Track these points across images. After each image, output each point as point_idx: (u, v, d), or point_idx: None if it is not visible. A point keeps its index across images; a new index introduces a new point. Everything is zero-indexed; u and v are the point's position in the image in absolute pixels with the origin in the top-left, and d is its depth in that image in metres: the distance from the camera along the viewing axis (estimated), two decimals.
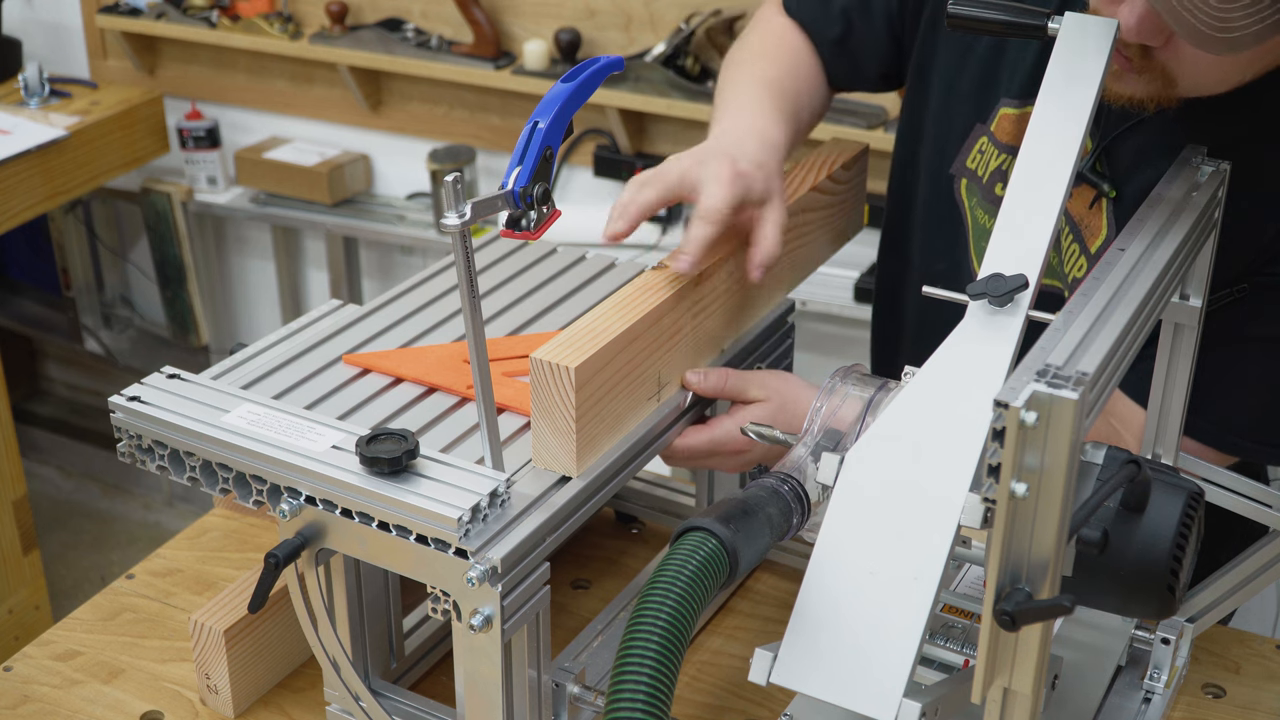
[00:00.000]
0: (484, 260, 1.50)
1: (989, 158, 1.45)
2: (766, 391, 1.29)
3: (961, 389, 0.98)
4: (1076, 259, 1.39)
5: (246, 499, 1.14)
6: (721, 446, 1.28)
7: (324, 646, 1.18)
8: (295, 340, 1.34)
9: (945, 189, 1.50)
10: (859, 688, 0.93)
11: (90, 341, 3.55)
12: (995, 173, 1.43)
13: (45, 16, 3.41)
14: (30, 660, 1.35)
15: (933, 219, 1.53)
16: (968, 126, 1.46)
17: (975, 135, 1.46)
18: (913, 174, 1.54)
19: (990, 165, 1.44)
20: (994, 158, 1.44)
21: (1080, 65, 1.10)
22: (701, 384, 1.27)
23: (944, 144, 1.49)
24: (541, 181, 1.07)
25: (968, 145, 1.47)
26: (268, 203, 3.17)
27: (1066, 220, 1.39)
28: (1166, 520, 0.97)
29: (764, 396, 1.28)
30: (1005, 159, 1.42)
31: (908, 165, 1.55)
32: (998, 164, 1.43)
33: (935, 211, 1.52)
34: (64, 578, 3.28)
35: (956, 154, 1.48)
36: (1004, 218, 1.07)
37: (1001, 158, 1.43)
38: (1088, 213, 1.37)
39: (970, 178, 1.47)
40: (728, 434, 1.28)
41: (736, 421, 1.27)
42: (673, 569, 0.93)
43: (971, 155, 1.47)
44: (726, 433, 1.28)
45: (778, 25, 1.55)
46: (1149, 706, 1.25)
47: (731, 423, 1.28)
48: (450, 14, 2.93)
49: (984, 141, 1.45)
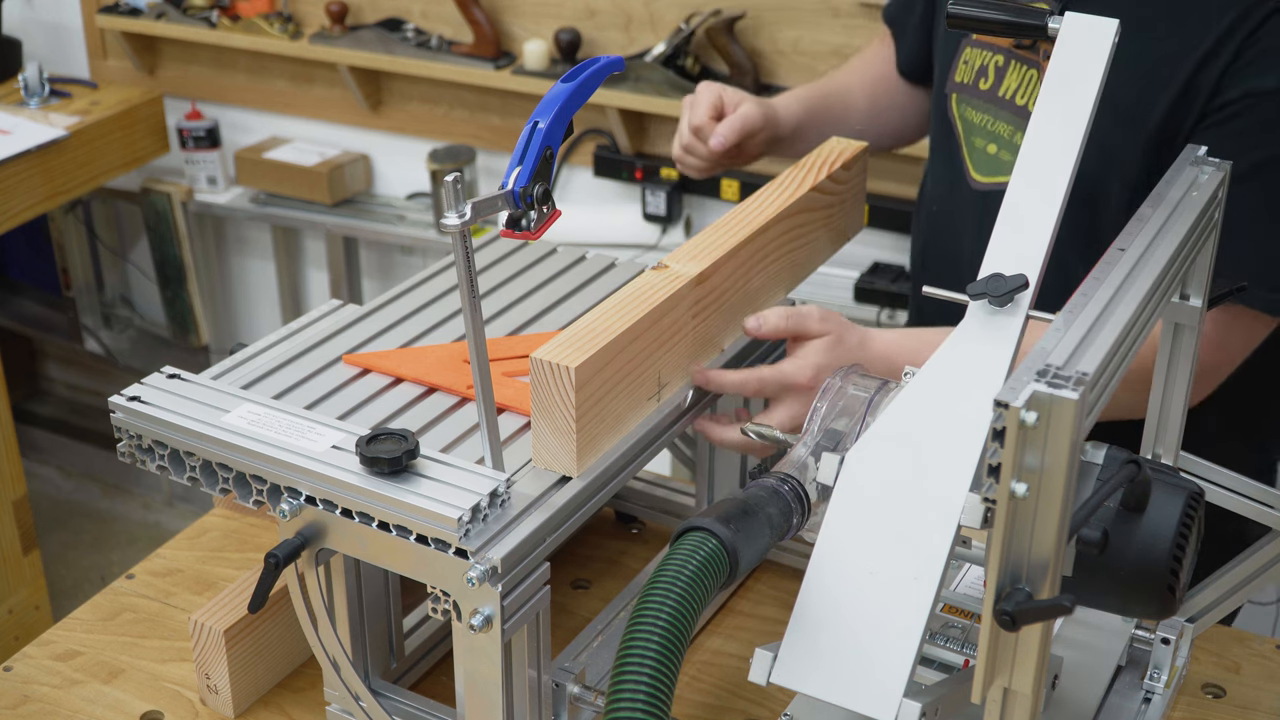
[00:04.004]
0: (484, 260, 1.50)
1: (973, 64, 1.56)
2: (826, 325, 1.30)
3: (961, 389, 0.98)
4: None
5: (246, 499, 1.14)
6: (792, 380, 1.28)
7: (324, 646, 1.18)
8: (295, 340, 1.34)
9: (942, 112, 1.62)
10: (859, 688, 0.93)
11: (90, 341, 3.55)
12: (979, 70, 1.55)
13: (45, 16, 3.41)
14: (30, 660, 1.35)
15: (936, 143, 1.65)
16: (955, 46, 1.59)
17: (960, 50, 1.58)
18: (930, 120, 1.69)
19: (975, 66, 1.56)
20: (978, 60, 1.55)
21: (1080, 65, 1.10)
22: (762, 327, 1.28)
23: (942, 73, 1.62)
24: (541, 181, 1.07)
25: (955, 63, 1.59)
26: (268, 203, 3.17)
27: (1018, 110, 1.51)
28: (1166, 520, 0.97)
29: (824, 330, 1.30)
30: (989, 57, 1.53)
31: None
32: (982, 62, 1.55)
33: (937, 137, 1.64)
34: (64, 578, 3.28)
35: (948, 76, 1.60)
36: (1004, 218, 1.07)
37: (985, 56, 1.53)
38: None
39: (959, 90, 1.58)
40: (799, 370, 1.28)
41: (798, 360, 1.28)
42: (673, 569, 0.93)
43: (959, 70, 1.59)
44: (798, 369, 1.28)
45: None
46: (1149, 706, 1.25)
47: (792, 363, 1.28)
48: (450, 14, 2.93)
49: (968, 52, 1.56)
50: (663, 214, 2.80)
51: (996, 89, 1.54)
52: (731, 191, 2.72)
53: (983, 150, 1.57)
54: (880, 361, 1.33)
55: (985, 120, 1.56)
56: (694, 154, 1.59)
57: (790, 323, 1.30)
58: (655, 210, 2.80)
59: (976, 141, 1.58)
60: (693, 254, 1.27)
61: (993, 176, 1.56)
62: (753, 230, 1.31)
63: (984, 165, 1.57)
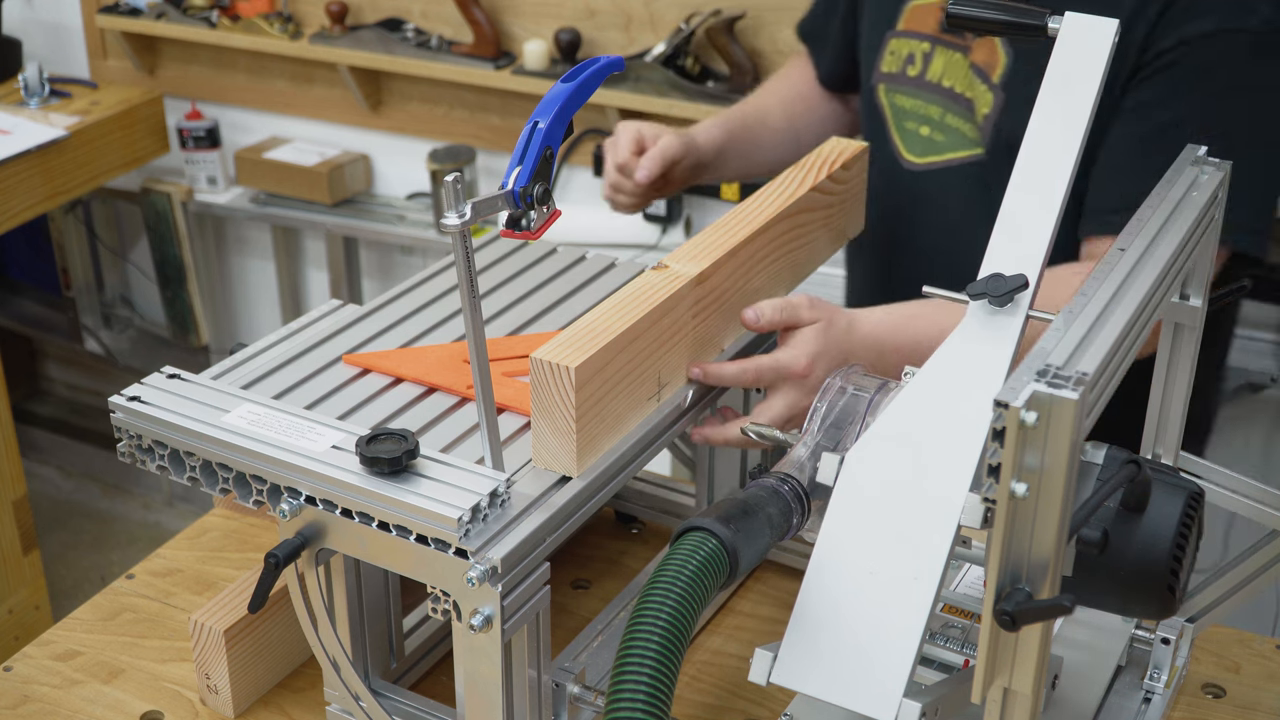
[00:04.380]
0: (484, 260, 1.50)
1: (900, 54, 1.66)
2: (816, 312, 1.32)
3: (961, 389, 0.98)
4: (984, 95, 1.57)
5: (246, 499, 1.14)
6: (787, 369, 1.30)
7: (324, 646, 1.18)
8: (295, 340, 1.34)
9: (870, 102, 1.72)
10: (859, 688, 0.93)
11: (90, 341, 3.55)
12: (906, 59, 1.65)
13: (45, 16, 3.41)
14: (30, 660, 1.35)
15: (867, 134, 1.74)
16: (880, 40, 1.68)
17: (885, 43, 1.68)
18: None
19: (902, 56, 1.65)
20: (905, 49, 1.65)
21: (1080, 65, 1.10)
22: (759, 319, 1.31)
23: (868, 67, 1.72)
24: (541, 181, 1.07)
25: (881, 55, 1.69)
26: (268, 203, 3.17)
27: (972, 69, 1.59)
28: (1166, 520, 0.97)
29: (814, 317, 1.32)
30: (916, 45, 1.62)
31: None
32: (909, 51, 1.65)
33: (868, 127, 1.74)
34: (64, 578, 3.28)
35: (875, 68, 1.70)
36: (1004, 218, 1.07)
37: (912, 45, 1.63)
38: (985, 48, 1.57)
39: (886, 79, 1.68)
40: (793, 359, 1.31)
41: (791, 349, 1.30)
42: (673, 569, 0.93)
43: (885, 61, 1.68)
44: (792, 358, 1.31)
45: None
46: (1149, 706, 1.25)
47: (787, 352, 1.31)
48: (450, 14, 2.93)
49: (894, 43, 1.66)
50: (663, 214, 2.80)
51: (925, 74, 1.65)
52: (731, 191, 2.72)
53: (914, 133, 1.67)
54: (868, 341, 1.36)
55: (915, 105, 1.66)
56: (622, 190, 1.66)
57: (784, 314, 1.32)
58: (655, 210, 2.80)
59: (908, 125, 1.67)
60: (693, 254, 1.27)
61: (925, 157, 1.66)
62: (753, 230, 1.32)
63: (916, 146, 1.67)
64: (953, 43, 1.62)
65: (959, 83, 1.60)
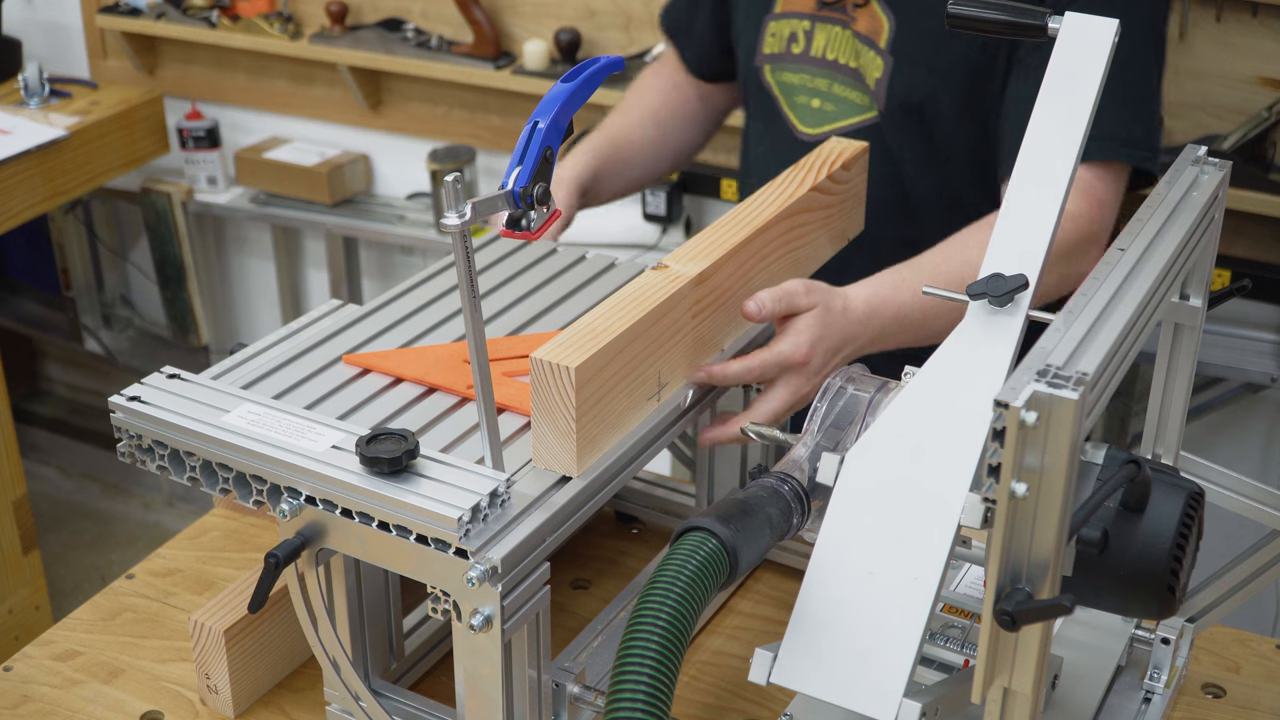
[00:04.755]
0: (484, 260, 1.50)
1: (781, 34, 1.73)
2: (812, 298, 1.34)
3: (961, 389, 0.98)
4: (873, 61, 1.65)
5: (246, 499, 1.14)
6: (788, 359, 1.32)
7: (324, 646, 1.18)
8: (295, 340, 1.34)
9: (756, 83, 1.78)
10: (859, 688, 0.93)
11: (90, 341, 3.55)
12: (789, 38, 1.71)
13: (45, 16, 3.41)
14: (30, 660, 1.35)
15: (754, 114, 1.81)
16: (759, 24, 1.74)
17: (764, 26, 1.74)
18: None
19: (784, 36, 1.72)
20: (786, 30, 1.72)
21: (1080, 65, 1.10)
22: (761, 310, 1.32)
23: (749, 51, 1.78)
24: (541, 181, 1.07)
25: (761, 38, 1.75)
26: (268, 203, 3.17)
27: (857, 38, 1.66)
28: (1166, 520, 0.97)
29: (811, 303, 1.34)
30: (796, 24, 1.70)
31: None
32: (790, 31, 1.71)
33: (754, 108, 1.80)
34: (64, 578, 3.28)
35: (756, 51, 1.76)
36: (1004, 218, 1.07)
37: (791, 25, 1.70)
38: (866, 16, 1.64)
39: (770, 60, 1.75)
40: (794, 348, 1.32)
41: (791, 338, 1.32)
42: (673, 569, 0.93)
43: (767, 43, 1.75)
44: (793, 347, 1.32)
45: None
46: (1149, 706, 1.25)
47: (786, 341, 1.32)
48: (450, 14, 2.93)
49: (773, 25, 1.73)
50: (663, 214, 2.80)
51: (809, 50, 1.72)
52: (731, 191, 2.72)
53: (806, 106, 1.74)
54: (866, 319, 1.39)
55: (803, 80, 1.74)
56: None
57: (782, 304, 1.33)
58: (655, 210, 2.80)
59: (798, 99, 1.74)
60: (693, 254, 1.27)
61: (819, 127, 1.73)
62: (753, 230, 1.32)
63: (809, 118, 1.74)
64: (831, 17, 1.69)
65: (843, 54, 1.68)
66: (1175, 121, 2.40)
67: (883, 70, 1.65)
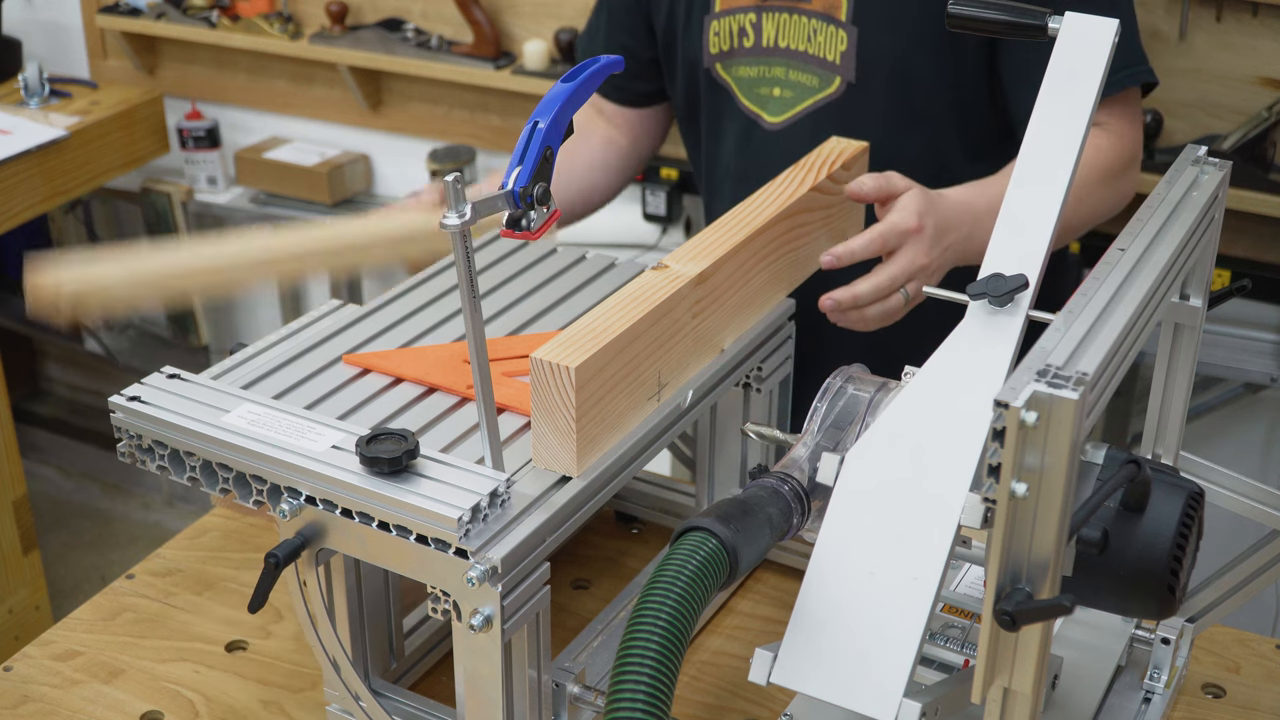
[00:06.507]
0: (484, 260, 1.50)
1: (725, 33, 1.73)
2: (908, 181, 1.44)
3: (961, 389, 0.98)
4: (835, 35, 1.67)
5: (246, 499, 1.14)
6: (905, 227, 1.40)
7: (324, 646, 1.18)
8: (295, 340, 1.34)
9: (710, 84, 1.78)
10: (859, 688, 0.93)
11: (90, 341, 3.55)
12: (737, 33, 1.72)
13: (45, 16, 3.41)
14: (30, 660, 1.35)
15: (712, 115, 1.80)
16: (700, 29, 1.74)
17: (705, 28, 1.74)
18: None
19: (730, 32, 1.73)
20: (730, 27, 1.72)
21: (1080, 65, 1.10)
22: (861, 189, 1.41)
23: (693, 56, 1.77)
24: (541, 181, 1.07)
25: (705, 41, 1.75)
26: (268, 203, 3.17)
27: (814, 18, 1.67)
28: (1166, 520, 0.97)
29: (908, 185, 1.44)
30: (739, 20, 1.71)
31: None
32: (736, 27, 1.72)
33: (710, 110, 1.80)
34: (64, 578, 3.28)
35: (702, 53, 1.76)
36: (1004, 218, 1.07)
37: (734, 21, 1.71)
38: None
39: (721, 59, 1.75)
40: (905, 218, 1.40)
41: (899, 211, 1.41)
42: (673, 569, 0.93)
43: (711, 43, 1.75)
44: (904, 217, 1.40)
45: None
46: (1149, 706, 1.25)
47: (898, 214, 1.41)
48: (450, 14, 2.93)
49: (715, 24, 1.73)
50: (663, 214, 2.80)
51: (760, 41, 1.72)
52: None
53: (768, 96, 1.74)
54: (962, 207, 1.48)
55: (760, 71, 1.74)
56: None
57: (880, 183, 1.43)
58: (655, 210, 2.80)
59: (760, 91, 1.75)
60: (693, 254, 1.27)
61: (784, 114, 1.73)
62: (753, 230, 1.32)
63: (773, 107, 1.74)
64: (777, 5, 1.70)
65: (795, 40, 1.70)
66: (1175, 121, 2.40)
67: (848, 42, 1.66)
